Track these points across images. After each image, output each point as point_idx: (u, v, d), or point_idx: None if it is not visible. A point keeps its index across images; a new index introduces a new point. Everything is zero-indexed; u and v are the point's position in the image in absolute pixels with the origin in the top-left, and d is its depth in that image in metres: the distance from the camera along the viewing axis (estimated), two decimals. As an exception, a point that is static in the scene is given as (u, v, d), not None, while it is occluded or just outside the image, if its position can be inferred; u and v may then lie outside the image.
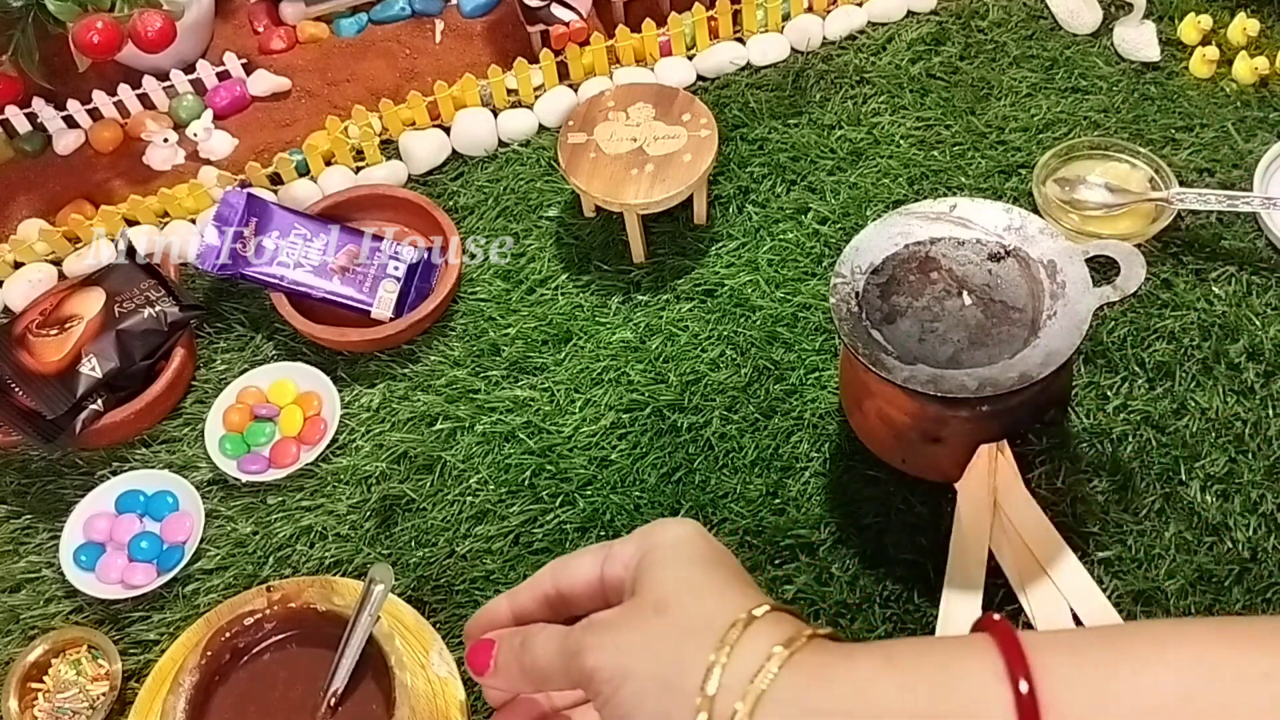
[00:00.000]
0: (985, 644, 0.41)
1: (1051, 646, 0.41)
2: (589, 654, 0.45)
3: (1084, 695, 0.39)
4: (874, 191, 0.96)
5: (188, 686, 0.57)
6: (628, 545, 0.49)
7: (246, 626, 0.59)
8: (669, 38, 1.05)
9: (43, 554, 0.84)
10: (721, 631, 0.43)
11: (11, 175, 1.04)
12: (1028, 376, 0.67)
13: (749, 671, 0.42)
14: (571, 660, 0.46)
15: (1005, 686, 0.39)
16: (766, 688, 0.41)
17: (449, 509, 0.83)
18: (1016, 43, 1.05)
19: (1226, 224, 0.91)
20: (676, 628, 0.44)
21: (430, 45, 1.11)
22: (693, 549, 0.48)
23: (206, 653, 0.58)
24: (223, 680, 0.59)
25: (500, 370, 0.89)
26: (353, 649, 0.57)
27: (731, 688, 0.42)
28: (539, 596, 0.52)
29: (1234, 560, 0.76)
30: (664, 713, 0.43)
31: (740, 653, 0.43)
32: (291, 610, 0.60)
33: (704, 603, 0.45)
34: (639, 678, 0.44)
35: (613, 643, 0.45)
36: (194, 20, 1.07)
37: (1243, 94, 0.99)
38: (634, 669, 0.44)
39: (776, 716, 0.41)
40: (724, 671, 0.42)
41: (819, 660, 0.42)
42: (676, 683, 0.43)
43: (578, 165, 0.90)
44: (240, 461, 0.86)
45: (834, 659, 0.42)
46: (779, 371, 0.87)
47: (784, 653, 0.42)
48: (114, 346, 0.87)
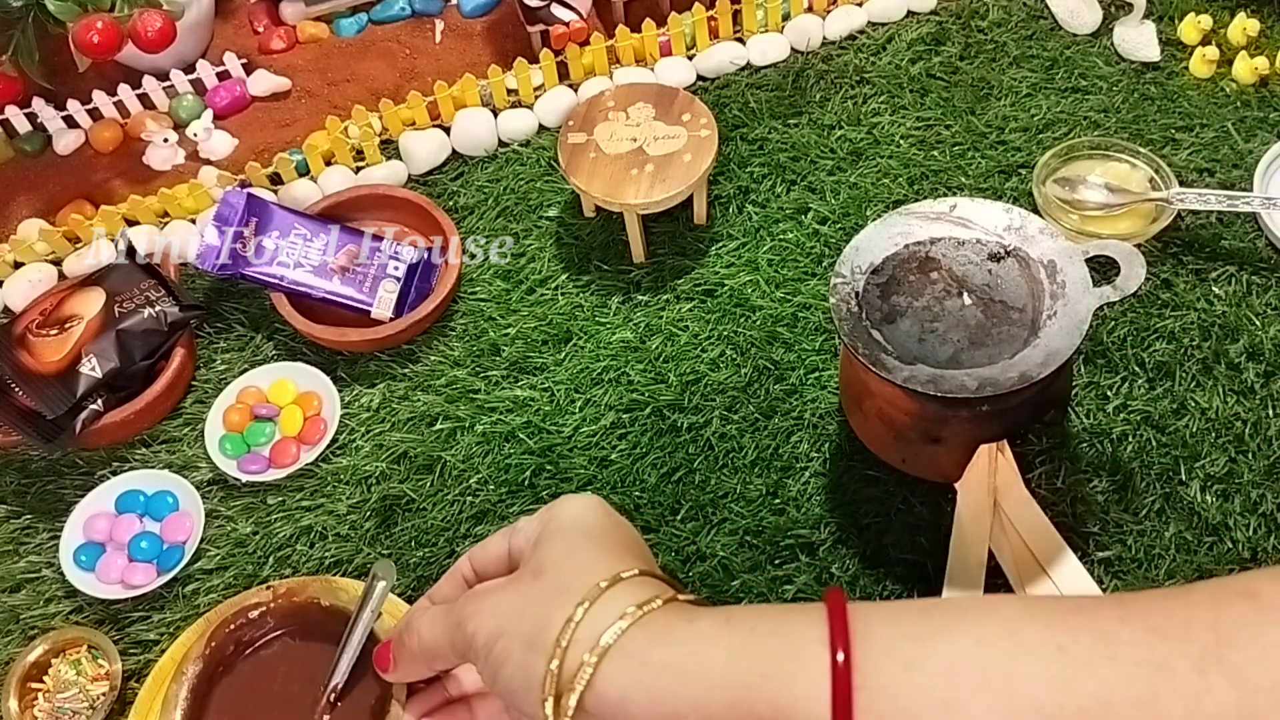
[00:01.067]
0: (816, 612, 0.43)
1: (874, 616, 0.42)
2: (469, 621, 0.47)
3: (894, 664, 0.41)
4: (874, 191, 0.96)
5: (191, 676, 0.57)
6: (532, 521, 0.51)
7: (251, 620, 0.60)
8: (669, 38, 1.05)
9: (43, 554, 0.84)
10: (584, 590, 0.45)
11: (11, 175, 1.04)
12: (1028, 376, 0.67)
13: (601, 627, 0.44)
14: (455, 630, 0.48)
15: (825, 652, 0.41)
16: (613, 642, 0.44)
17: (449, 509, 0.83)
18: (1016, 43, 1.05)
19: (1226, 224, 0.91)
20: (547, 589, 0.47)
21: (430, 45, 1.11)
22: (587, 521, 0.50)
23: (210, 643, 0.58)
24: (226, 671, 0.59)
25: (500, 370, 0.89)
26: (354, 645, 0.57)
27: (582, 641, 0.44)
28: (457, 581, 0.54)
29: (1234, 560, 0.76)
30: (527, 666, 0.45)
31: (596, 610, 0.45)
32: (295, 605, 0.60)
33: (576, 566, 0.47)
34: (508, 636, 0.46)
35: (490, 607, 0.47)
36: (194, 20, 1.07)
37: (1243, 94, 0.99)
38: (505, 628, 0.46)
39: (618, 669, 0.43)
40: (578, 627, 0.44)
41: (666, 620, 0.45)
42: (539, 638, 0.45)
43: (578, 165, 0.90)
44: (240, 461, 0.86)
45: (678, 619, 0.45)
46: (779, 371, 0.87)
47: (636, 611, 0.45)
48: (114, 346, 0.87)
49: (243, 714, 0.58)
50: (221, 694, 0.59)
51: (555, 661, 0.44)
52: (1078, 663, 0.39)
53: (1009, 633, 0.41)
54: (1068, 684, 0.39)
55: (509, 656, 0.46)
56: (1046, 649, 0.40)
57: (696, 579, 0.78)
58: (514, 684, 0.45)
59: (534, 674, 0.44)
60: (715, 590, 0.78)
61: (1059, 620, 0.41)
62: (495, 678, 0.46)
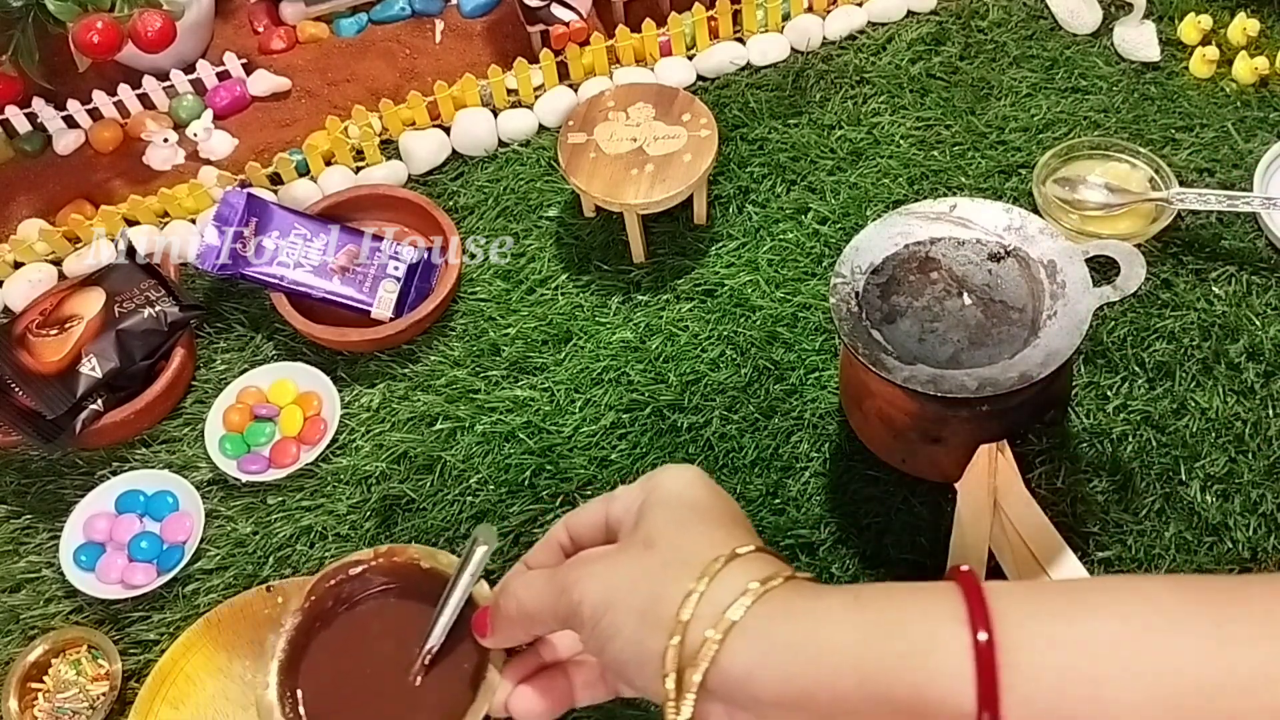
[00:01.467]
0: (949, 591, 0.42)
1: (1011, 594, 0.42)
2: (575, 588, 0.47)
3: (1039, 642, 0.40)
4: (874, 191, 0.96)
5: (289, 628, 0.57)
6: (632, 489, 0.50)
7: (351, 576, 0.59)
8: (669, 38, 1.05)
9: (43, 554, 0.84)
10: (702, 565, 0.45)
11: (11, 175, 1.04)
12: (1028, 376, 0.67)
13: (723, 603, 0.43)
14: (559, 597, 0.47)
15: (965, 630, 0.40)
16: (739, 618, 0.43)
17: (449, 509, 0.83)
18: (1016, 43, 1.05)
19: (1226, 224, 0.91)
20: (660, 561, 0.46)
21: (430, 45, 1.11)
22: (691, 492, 0.49)
23: (311, 597, 0.58)
24: (323, 626, 0.58)
25: (500, 370, 0.89)
26: (451, 608, 0.56)
27: (705, 616, 0.43)
28: (553, 547, 0.54)
29: (1234, 560, 0.76)
30: (640, 640, 0.44)
31: (717, 585, 0.44)
32: (395, 565, 0.59)
33: (690, 539, 0.46)
34: (619, 608, 0.45)
35: (597, 576, 0.47)
36: (194, 20, 1.07)
37: (1243, 94, 0.99)
38: (616, 600, 0.45)
39: (744, 645, 0.43)
40: (700, 601, 0.43)
41: (790, 597, 0.44)
42: (654, 612, 0.44)
43: (578, 165, 0.90)
44: (240, 461, 0.86)
45: (804, 597, 0.44)
46: (779, 371, 0.87)
47: (759, 588, 0.44)
48: (114, 346, 0.87)
49: (338, 669, 0.57)
50: (318, 648, 0.58)
51: (675, 638, 0.43)
52: (1238, 640, 0.38)
53: (1158, 610, 0.40)
54: (1228, 661, 0.38)
55: (620, 629, 0.45)
56: (1201, 625, 0.39)
57: (696, 579, 0.78)
58: (626, 657, 0.45)
59: (649, 648, 0.44)
60: (715, 590, 0.78)
61: (1209, 598, 0.40)
62: (604, 649, 0.45)
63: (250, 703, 0.76)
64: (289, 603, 0.59)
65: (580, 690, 0.53)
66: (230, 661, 0.77)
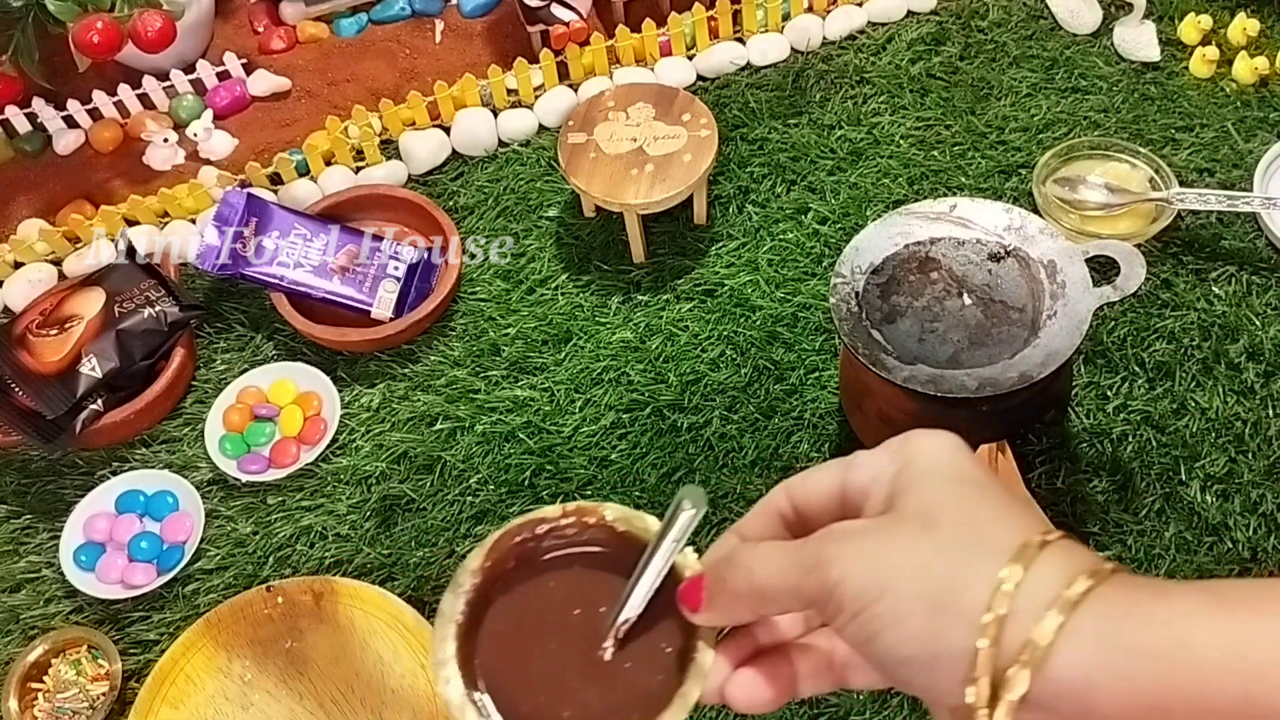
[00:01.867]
0: None
1: None
2: (833, 565, 0.40)
3: None
4: (874, 191, 0.96)
5: (468, 588, 0.51)
6: (878, 456, 0.44)
7: (537, 535, 0.53)
8: (669, 38, 1.05)
9: (43, 554, 0.84)
10: (1008, 550, 0.38)
11: (11, 175, 1.04)
12: (1028, 376, 0.67)
13: (1045, 597, 0.37)
14: (808, 574, 0.41)
15: None
16: (1067, 619, 0.36)
17: (449, 509, 0.83)
18: (1016, 43, 1.05)
19: (1226, 224, 0.91)
20: (950, 544, 0.39)
21: (430, 45, 1.11)
22: (961, 462, 0.43)
23: (492, 555, 0.52)
24: (503, 588, 0.52)
25: (500, 370, 0.89)
26: (650, 577, 0.50)
27: (1023, 612, 0.37)
28: (771, 516, 0.47)
29: (1234, 560, 0.76)
30: (932, 634, 0.38)
31: (1034, 576, 0.37)
32: (586, 525, 0.53)
33: (984, 519, 0.40)
34: (899, 594, 0.39)
35: (865, 553, 0.40)
36: (194, 20, 1.07)
37: (1243, 94, 0.99)
38: (892, 584, 0.39)
39: (1081, 650, 0.36)
40: (1017, 593, 0.37)
41: (1130, 595, 0.37)
42: (950, 602, 0.38)
43: (578, 165, 0.90)
44: (240, 461, 0.86)
45: (1148, 595, 0.37)
46: (779, 371, 0.87)
47: (1088, 582, 0.37)
48: (114, 346, 0.87)
49: (519, 633, 0.51)
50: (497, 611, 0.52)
51: (985, 638, 0.37)
52: None
53: None
54: None
55: (900, 619, 0.38)
56: None
57: (696, 579, 0.78)
58: (908, 652, 0.38)
59: (947, 646, 0.38)
60: (715, 590, 0.78)
61: None
62: (873, 639, 0.39)
63: (250, 703, 0.76)
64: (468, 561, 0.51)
65: (805, 680, 0.46)
66: (230, 661, 0.77)
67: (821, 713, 0.73)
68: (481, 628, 0.51)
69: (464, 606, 0.50)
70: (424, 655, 0.76)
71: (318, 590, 0.78)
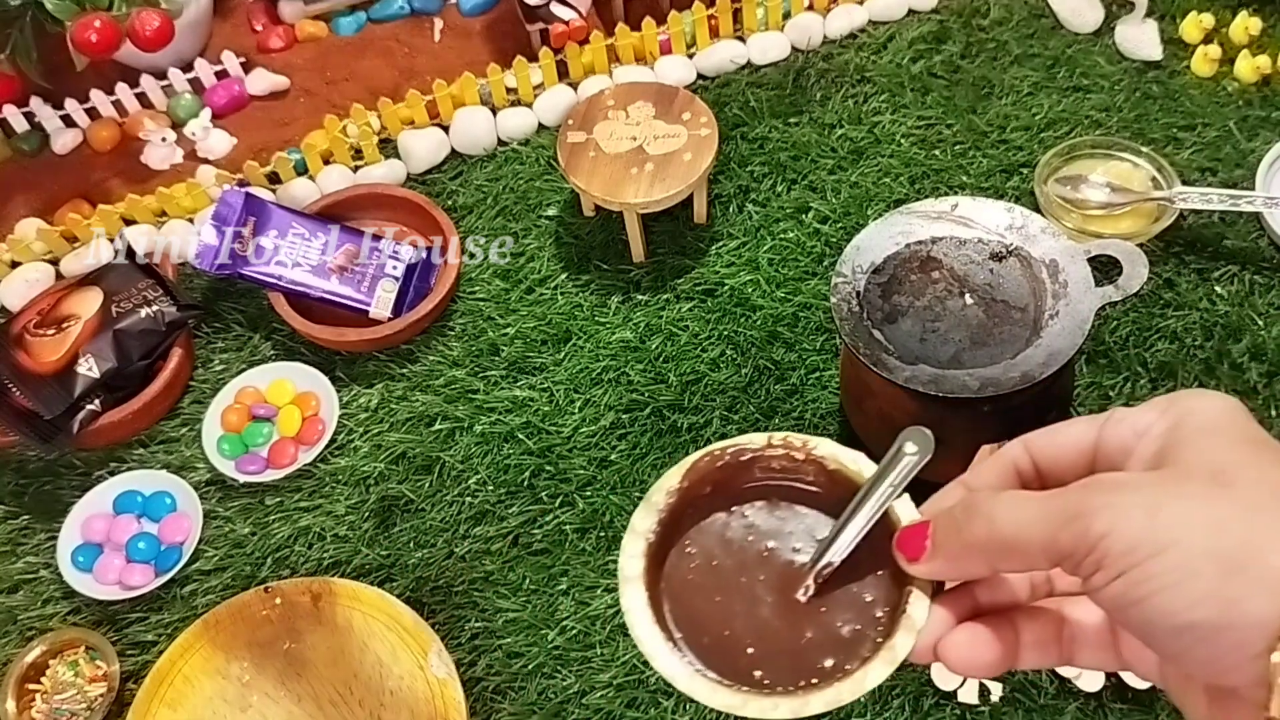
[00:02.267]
0: None
1: None
2: (1098, 516, 0.36)
3: None
4: (875, 190, 0.96)
5: (662, 507, 0.48)
6: (1145, 411, 0.40)
7: (740, 462, 0.50)
8: (669, 36, 1.05)
9: (40, 555, 0.83)
10: None
11: (9, 174, 1.04)
12: (1030, 377, 0.67)
13: None
14: (1065, 525, 0.37)
15: None
16: None
17: (448, 510, 0.83)
18: (1018, 41, 1.05)
19: (1229, 223, 0.91)
20: (1248, 503, 0.36)
21: (429, 44, 1.10)
22: (1244, 426, 0.39)
23: (690, 477, 0.49)
24: (696, 514, 0.49)
25: (499, 370, 0.89)
26: (860, 520, 0.46)
27: None
28: (1005, 469, 0.44)
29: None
30: (1227, 599, 0.34)
31: None
32: (793, 459, 0.50)
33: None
34: (1186, 550, 0.35)
35: (1141, 505, 0.36)
36: (192, 19, 1.07)
37: (1245, 93, 0.99)
38: (1178, 539, 0.35)
39: None
40: None
41: None
42: (1250, 564, 0.34)
43: (577, 164, 0.90)
44: (238, 462, 0.85)
45: None
46: (779, 371, 0.87)
47: None
48: (111, 346, 0.86)
49: (710, 564, 0.48)
50: (688, 535, 0.49)
51: None
52: None
53: None
54: None
55: (1185, 579, 0.34)
56: None
57: (696, 580, 0.78)
58: (1193, 616, 0.34)
59: (1242, 612, 0.34)
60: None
61: None
62: (1144, 601, 0.35)
63: (248, 704, 0.76)
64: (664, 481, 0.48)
65: (1028, 650, 0.42)
66: (228, 663, 0.77)
67: (821, 712, 0.73)
68: (671, 552, 0.48)
69: (656, 525, 0.47)
70: (422, 657, 0.76)
71: (316, 591, 0.78)
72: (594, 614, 0.78)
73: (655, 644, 0.44)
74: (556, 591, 0.79)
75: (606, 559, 0.80)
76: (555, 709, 0.75)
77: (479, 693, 0.76)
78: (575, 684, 0.75)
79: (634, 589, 0.46)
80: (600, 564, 0.79)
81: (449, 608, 0.79)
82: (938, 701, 0.73)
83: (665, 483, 0.48)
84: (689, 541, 0.48)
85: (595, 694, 0.75)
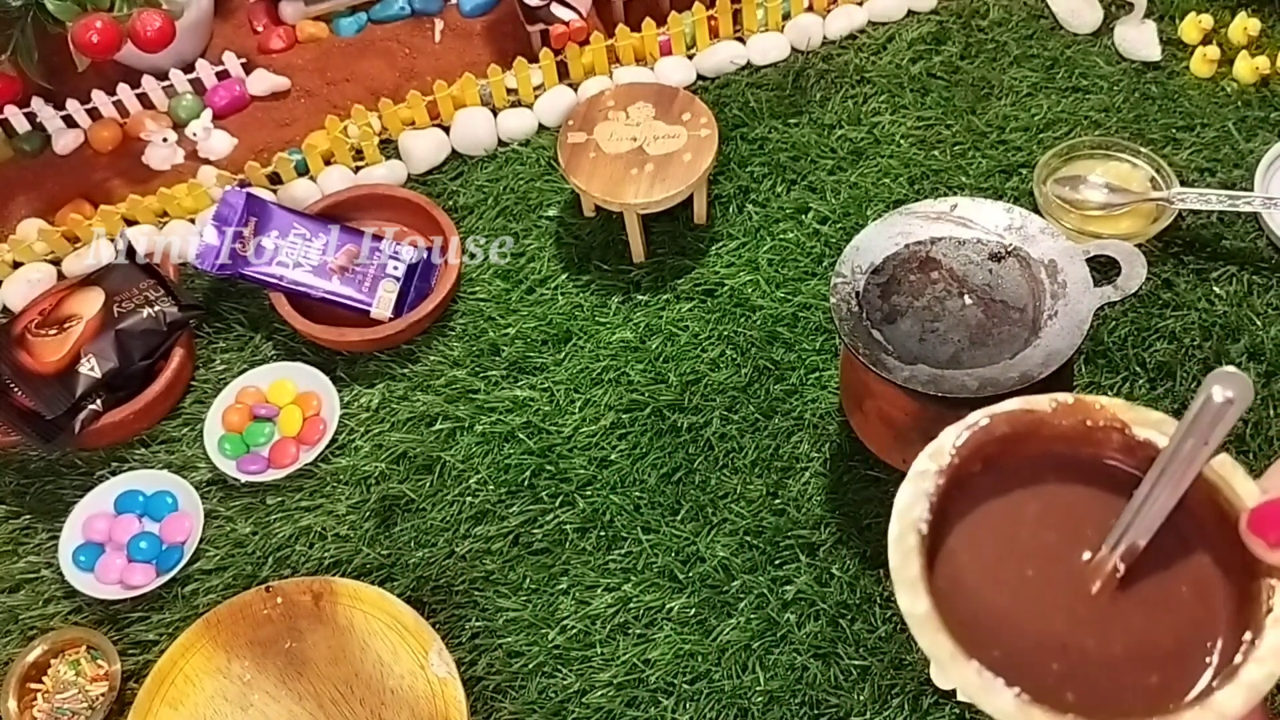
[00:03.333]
0: None
1: None
2: None
3: None
4: (874, 191, 0.96)
5: (932, 490, 0.40)
6: None
7: (1019, 431, 0.41)
8: (669, 37, 1.05)
9: (42, 554, 0.84)
10: None
11: (10, 175, 1.04)
12: (1029, 377, 0.67)
13: None
14: None
15: None
16: None
17: (448, 509, 0.83)
18: (1017, 42, 1.05)
19: (1228, 224, 0.91)
20: None
21: (430, 44, 1.10)
22: None
23: (959, 454, 0.40)
24: (965, 495, 0.41)
25: (500, 370, 0.89)
26: (1165, 490, 0.37)
27: None
28: None
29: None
30: None
31: None
32: (1080, 426, 0.41)
33: None
34: None
35: None
36: (193, 20, 1.07)
37: (1244, 93, 0.99)
38: None
39: None
40: None
41: None
42: None
43: (578, 165, 0.90)
44: (239, 462, 0.86)
45: None
46: (779, 371, 0.87)
47: None
48: (113, 346, 0.87)
49: (985, 558, 0.40)
50: (959, 519, 0.41)
51: None
52: None
53: None
54: None
55: None
56: None
57: (696, 579, 0.78)
58: None
59: None
60: (715, 591, 0.78)
61: None
62: None
63: (249, 703, 0.76)
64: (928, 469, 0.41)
65: None
66: (229, 662, 0.77)
67: (822, 713, 0.73)
68: (948, 536, 0.40)
69: (928, 514, 0.39)
70: (423, 656, 0.76)
71: (317, 591, 0.78)
72: (594, 613, 0.78)
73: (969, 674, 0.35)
74: (557, 591, 0.79)
75: (606, 558, 0.80)
76: (555, 708, 0.75)
77: (479, 692, 0.76)
78: (575, 683, 0.76)
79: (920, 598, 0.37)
80: (600, 563, 0.80)
81: (449, 607, 0.79)
82: (937, 701, 0.73)
83: (932, 460, 0.39)
84: (965, 527, 0.40)
85: (595, 693, 0.75)
